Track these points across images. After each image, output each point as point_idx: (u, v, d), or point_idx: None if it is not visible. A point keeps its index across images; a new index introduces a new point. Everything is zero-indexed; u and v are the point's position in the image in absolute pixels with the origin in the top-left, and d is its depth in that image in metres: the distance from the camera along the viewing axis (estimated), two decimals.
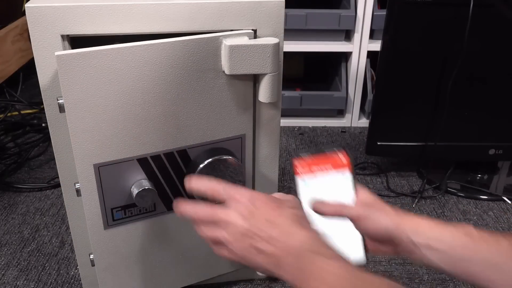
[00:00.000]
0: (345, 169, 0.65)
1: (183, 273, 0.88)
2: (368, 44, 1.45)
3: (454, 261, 0.57)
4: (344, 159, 0.65)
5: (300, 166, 0.66)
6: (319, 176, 0.65)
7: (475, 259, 0.56)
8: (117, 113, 0.69)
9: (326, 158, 0.65)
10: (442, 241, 0.58)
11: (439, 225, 0.59)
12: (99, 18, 0.68)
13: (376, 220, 0.60)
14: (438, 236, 0.58)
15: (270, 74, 0.72)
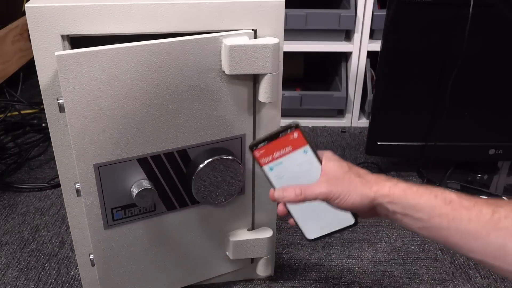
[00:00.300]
0: (305, 146, 0.65)
1: (183, 273, 0.88)
2: (368, 44, 1.45)
3: (432, 229, 0.56)
4: (301, 136, 0.65)
5: (261, 156, 0.66)
6: (283, 160, 0.66)
7: (453, 228, 0.54)
8: (117, 113, 0.69)
9: (284, 141, 0.65)
10: (419, 210, 0.56)
11: (416, 193, 0.57)
12: (99, 18, 0.68)
13: (348, 198, 0.60)
14: (415, 205, 0.57)
15: (270, 74, 0.72)
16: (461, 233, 0.54)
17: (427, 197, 0.56)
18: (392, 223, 1.12)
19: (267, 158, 0.66)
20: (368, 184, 0.60)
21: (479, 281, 0.96)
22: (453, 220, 0.54)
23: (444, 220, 0.55)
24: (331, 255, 1.03)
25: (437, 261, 1.02)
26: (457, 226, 0.54)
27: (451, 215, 0.55)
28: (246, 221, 0.88)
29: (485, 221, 0.53)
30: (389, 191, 0.59)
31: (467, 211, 0.54)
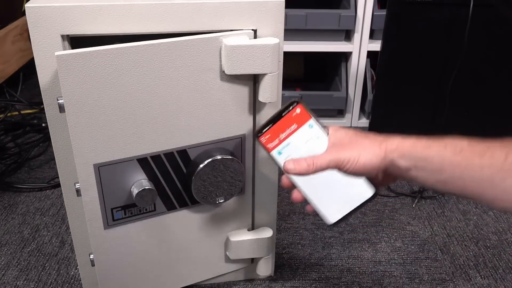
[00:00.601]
0: (310, 121, 0.64)
1: (183, 273, 0.88)
2: (368, 44, 1.45)
3: (448, 181, 0.54)
4: (304, 111, 0.64)
5: (268, 141, 0.65)
6: (290, 140, 0.65)
7: (468, 177, 0.52)
8: (117, 113, 0.69)
9: (287, 119, 0.64)
10: (430, 162, 0.55)
11: (425, 145, 0.56)
12: (99, 18, 0.68)
13: (358, 160, 0.58)
14: (426, 157, 0.55)
15: (270, 74, 0.72)
16: (476, 181, 0.52)
17: (437, 148, 0.55)
18: (392, 223, 1.12)
19: (274, 142, 0.65)
20: (376, 142, 0.59)
21: (479, 281, 0.96)
22: (466, 169, 0.52)
23: (457, 170, 0.53)
24: (331, 255, 1.03)
25: (437, 261, 1.02)
26: (471, 174, 0.52)
27: (463, 164, 0.52)
28: (246, 221, 0.88)
29: (499, 166, 0.51)
30: (398, 145, 0.57)
31: (480, 158, 0.52)
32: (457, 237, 1.09)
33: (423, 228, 1.11)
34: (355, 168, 0.59)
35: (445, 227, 1.12)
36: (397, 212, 1.17)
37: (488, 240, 1.07)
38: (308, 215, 1.15)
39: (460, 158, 0.53)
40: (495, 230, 1.11)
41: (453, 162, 0.53)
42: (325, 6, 1.45)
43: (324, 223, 0.65)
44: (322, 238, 1.08)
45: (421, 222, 1.13)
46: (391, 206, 1.19)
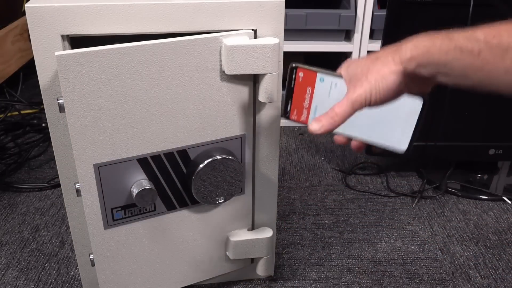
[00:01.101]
0: (318, 75, 0.62)
1: (183, 273, 0.88)
2: (368, 44, 1.45)
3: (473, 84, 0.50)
4: (306, 71, 0.62)
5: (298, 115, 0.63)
6: (314, 102, 0.63)
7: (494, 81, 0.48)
8: (117, 113, 0.69)
9: (299, 87, 0.63)
10: (451, 68, 0.51)
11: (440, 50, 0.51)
12: (99, 18, 0.68)
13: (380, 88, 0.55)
14: (445, 63, 0.51)
15: (270, 74, 0.72)
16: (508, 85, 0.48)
17: (453, 54, 0.50)
18: (392, 223, 1.12)
19: (303, 113, 0.63)
20: (389, 58, 0.55)
21: (479, 281, 0.96)
22: (490, 74, 0.48)
23: (482, 75, 0.49)
24: (331, 255, 1.03)
25: (437, 261, 1.02)
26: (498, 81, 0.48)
27: (487, 69, 0.48)
28: (246, 221, 0.88)
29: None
30: (412, 54, 0.53)
31: (502, 61, 0.47)
32: (457, 237, 1.09)
33: (423, 228, 1.11)
34: (381, 97, 0.55)
35: (445, 227, 1.12)
36: (397, 212, 1.17)
37: (488, 240, 1.07)
38: (308, 215, 1.15)
39: (480, 63, 0.48)
40: (495, 230, 1.11)
41: (475, 69, 0.49)
42: (325, 6, 1.45)
43: None
44: (322, 238, 1.08)
45: (421, 222, 1.13)
46: (391, 206, 1.19)
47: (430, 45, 0.52)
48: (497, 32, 0.48)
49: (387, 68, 0.55)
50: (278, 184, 0.95)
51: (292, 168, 1.34)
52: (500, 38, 0.47)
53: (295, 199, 1.21)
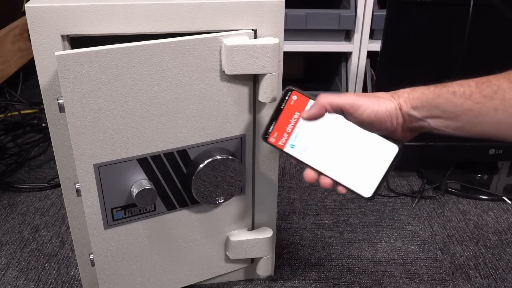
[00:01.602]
0: (309, 102, 0.63)
1: (183, 273, 0.88)
2: (368, 44, 1.45)
3: (466, 127, 0.53)
4: (300, 95, 0.63)
5: (277, 139, 0.64)
6: (298, 129, 0.63)
7: (484, 122, 0.52)
8: (117, 113, 0.69)
9: (288, 110, 0.63)
10: (443, 110, 0.54)
11: (434, 93, 0.55)
12: (99, 18, 0.68)
13: (371, 107, 0.58)
14: (437, 105, 0.54)
15: (270, 74, 0.72)
16: (493, 124, 0.51)
17: (446, 95, 0.54)
18: (392, 223, 1.12)
19: (283, 138, 0.63)
20: (388, 95, 0.59)
21: (479, 281, 0.96)
22: (480, 114, 0.52)
23: (472, 116, 0.52)
24: (331, 255, 1.03)
25: (437, 261, 1.02)
26: (487, 119, 0.51)
27: (477, 110, 0.52)
28: (246, 221, 0.89)
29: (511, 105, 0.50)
30: (408, 96, 0.57)
31: (491, 101, 0.51)
32: (457, 237, 1.09)
33: (423, 228, 1.11)
34: (376, 115, 0.58)
35: (445, 227, 1.12)
36: (397, 212, 1.17)
37: (488, 240, 1.07)
38: (308, 215, 1.15)
39: (471, 104, 0.52)
40: (495, 230, 1.11)
41: (465, 109, 0.52)
42: (325, 6, 1.45)
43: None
44: (322, 238, 1.08)
45: (421, 222, 1.13)
46: (391, 206, 1.19)
47: (425, 90, 0.56)
48: (486, 79, 0.53)
49: (386, 98, 0.59)
50: (278, 184, 0.95)
51: (292, 168, 1.34)
52: (489, 82, 0.52)
53: (295, 199, 1.21)
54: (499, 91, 0.51)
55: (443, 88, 0.55)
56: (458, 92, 0.53)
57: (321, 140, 0.63)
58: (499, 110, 0.51)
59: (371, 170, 0.62)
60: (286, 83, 0.69)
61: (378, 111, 0.58)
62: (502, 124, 0.51)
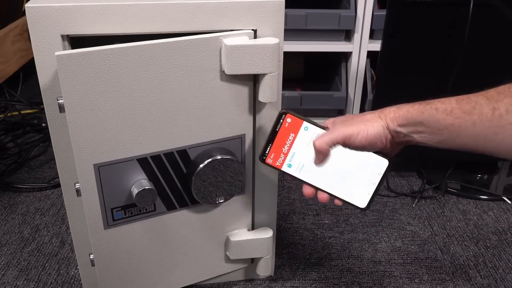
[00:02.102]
0: (303, 124, 0.67)
1: (183, 273, 0.88)
2: (368, 44, 1.45)
3: (448, 141, 0.58)
4: (294, 118, 0.66)
5: (274, 160, 0.67)
6: (293, 149, 0.67)
7: (464, 135, 0.56)
8: (117, 113, 0.69)
9: (283, 132, 0.67)
10: (427, 126, 0.58)
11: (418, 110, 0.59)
12: (99, 18, 0.68)
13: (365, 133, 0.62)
14: (421, 121, 0.58)
15: (270, 74, 0.72)
16: (472, 137, 0.55)
17: (429, 112, 0.58)
18: (392, 223, 1.13)
19: (280, 158, 0.67)
20: (375, 115, 0.63)
21: (479, 281, 0.96)
22: (460, 128, 0.56)
23: (453, 130, 0.56)
24: (331, 255, 1.03)
25: (437, 261, 1.02)
26: (467, 133, 0.55)
27: (457, 124, 0.56)
28: (246, 221, 0.89)
29: (488, 121, 0.54)
30: (395, 115, 0.61)
31: (470, 116, 0.55)
32: (457, 237, 1.09)
33: (423, 228, 1.11)
34: (361, 140, 0.62)
35: (445, 227, 1.12)
36: (397, 212, 1.17)
37: (488, 240, 1.07)
38: (308, 215, 1.15)
39: (452, 119, 0.56)
40: (495, 230, 1.11)
41: (447, 124, 0.57)
42: (325, 6, 1.45)
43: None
44: (322, 238, 1.08)
45: (421, 222, 1.13)
46: (391, 206, 1.19)
47: (410, 107, 0.60)
48: (466, 96, 0.57)
49: (375, 121, 0.63)
50: (278, 184, 0.95)
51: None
52: (468, 99, 0.56)
53: (295, 199, 1.21)
54: (477, 107, 0.55)
55: (427, 105, 0.59)
56: (440, 108, 0.57)
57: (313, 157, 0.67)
58: (477, 124, 0.55)
59: (364, 183, 0.67)
60: (286, 83, 0.71)
61: (368, 136, 0.62)
62: (480, 138, 0.55)
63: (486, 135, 0.54)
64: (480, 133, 0.54)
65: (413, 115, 0.59)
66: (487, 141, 0.55)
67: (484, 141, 0.55)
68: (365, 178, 0.67)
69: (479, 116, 0.54)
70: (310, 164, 0.67)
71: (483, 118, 0.54)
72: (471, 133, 0.55)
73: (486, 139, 0.54)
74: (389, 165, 0.66)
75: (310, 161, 0.66)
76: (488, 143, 0.55)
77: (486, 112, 0.54)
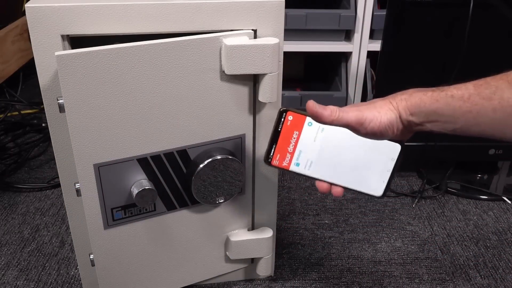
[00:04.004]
0: (306, 119, 0.64)
1: (183, 273, 0.88)
2: (368, 44, 1.45)
3: (464, 128, 0.55)
4: (296, 114, 0.64)
5: (280, 161, 0.65)
6: (299, 147, 0.64)
7: (482, 123, 0.53)
8: (117, 113, 0.69)
9: (286, 131, 0.64)
10: (441, 115, 0.55)
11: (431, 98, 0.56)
12: (99, 18, 0.68)
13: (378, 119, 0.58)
14: (435, 110, 0.55)
15: (270, 74, 0.72)
16: (491, 124, 0.52)
17: (444, 99, 0.55)
18: (392, 223, 1.12)
19: (286, 158, 0.65)
20: (387, 101, 0.59)
21: (479, 281, 0.96)
22: (478, 115, 0.53)
23: (470, 117, 0.53)
24: (331, 255, 1.03)
25: (437, 261, 1.02)
26: (485, 120, 0.52)
27: (475, 111, 0.53)
28: (246, 221, 0.89)
29: (510, 107, 0.51)
30: (406, 103, 0.57)
31: (489, 102, 0.52)
32: (457, 237, 1.09)
33: (423, 228, 1.11)
34: (379, 127, 0.58)
35: (445, 227, 1.12)
36: (397, 212, 1.17)
37: (488, 240, 1.07)
38: (308, 215, 1.15)
39: (469, 105, 0.53)
40: (495, 230, 1.11)
41: (464, 111, 0.53)
42: (325, 6, 1.45)
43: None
44: (322, 238, 1.08)
45: (421, 222, 1.13)
46: (391, 206, 1.19)
47: (422, 95, 0.57)
48: (484, 81, 0.53)
49: (387, 107, 0.59)
50: (278, 184, 0.95)
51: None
52: (487, 84, 0.52)
53: (295, 199, 1.21)
54: (498, 92, 0.51)
55: (441, 92, 0.56)
56: (456, 95, 0.54)
57: (324, 152, 0.64)
58: (497, 110, 0.51)
59: (378, 171, 0.64)
60: (286, 83, 0.70)
61: (381, 123, 0.58)
62: (500, 124, 0.52)
63: (507, 121, 0.51)
64: (500, 120, 0.51)
65: (426, 103, 0.56)
66: (507, 126, 0.51)
67: (503, 127, 0.52)
68: (378, 165, 0.64)
69: (500, 102, 0.51)
70: (319, 160, 0.64)
71: (504, 104, 0.51)
72: (490, 120, 0.52)
73: (506, 125, 0.51)
74: (401, 149, 0.63)
75: (318, 157, 0.64)
76: (508, 129, 0.52)
77: (507, 97, 0.50)
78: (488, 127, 0.53)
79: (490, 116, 0.52)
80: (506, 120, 0.51)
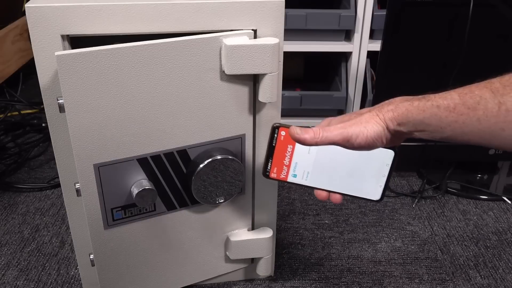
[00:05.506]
0: None
1: (183, 273, 0.88)
2: (368, 44, 1.45)
3: (448, 136, 0.55)
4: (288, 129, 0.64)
5: (278, 174, 0.66)
6: (295, 159, 0.66)
7: (469, 132, 0.53)
8: (117, 113, 0.69)
9: (280, 146, 0.66)
10: (428, 124, 0.56)
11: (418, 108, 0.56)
12: (99, 18, 0.68)
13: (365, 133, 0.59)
14: (422, 120, 0.56)
15: (270, 74, 0.72)
16: (478, 133, 0.53)
17: (430, 110, 0.55)
18: (392, 223, 1.12)
19: (283, 171, 0.66)
20: (373, 113, 0.59)
21: (479, 281, 0.96)
22: (464, 124, 0.53)
23: (457, 127, 0.54)
24: (331, 255, 1.03)
25: (437, 261, 1.02)
26: (471, 129, 0.53)
27: (461, 121, 0.53)
28: (246, 221, 0.89)
29: (494, 117, 0.51)
30: (393, 114, 0.58)
31: (474, 112, 0.52)
32: (457, 237, 1.09)
33: (423, 228, 1.11)
34: (361, 141, 0.59)
35: (445, 227, 1.12)
36: (397, 212, 1.17)
37: (488, 240, 1.07)
38: (308, 215, 1.15)
39: (455, 115, 0.54)
40: (495, 230, 1.11)
41: (450, 121, 0.54)
42: (325, 6, 1.45)
43: None
44: (322, 238, 1.08)
45: (421, 222, 1.13)
46: (391, 206, 1.19)
47: (409, 106, 0.57)
48: (469, 90, 0.54)
49: (374, 120, 0.59)
50: (278, 184, 0.95)
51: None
52: (472, 93, 0.53)
53: (295, 199, 1.21)
54: (482, 102, 0.52)
55: (427, 102, 0.56)
56: (442, 105, 0.55)
57: (319, 162, 0.66)
58: (482, 120, 0.52)
59: (373, 176, 0.66)
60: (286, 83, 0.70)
61: (367, 138, 0.59)
62: (485, 133, 0.53)
63: (492, 131, 0.52)
64: (485, 129, 0.52)
65: (413, 114, 0.57)
66: (492, 136, 0.52)
67: (489, 137, 0.52)
68: (373, 171, 0.66)
69: (484, 112, 0.51)
70: (315, 170, 0.66)
71: (488, 114, 0.51)
72: (475, 129, 0.53)
73: (491, 135, 0.52)
74: (395, 155, 0.65)
75: (314, 168, 0.66)
76: (494, 139, 0.52)
77: (491, 107, 0.51)
78: (474, 136, 0.54)
79: (475, 126, 0.53)
80: (491, 130, 0.52)
